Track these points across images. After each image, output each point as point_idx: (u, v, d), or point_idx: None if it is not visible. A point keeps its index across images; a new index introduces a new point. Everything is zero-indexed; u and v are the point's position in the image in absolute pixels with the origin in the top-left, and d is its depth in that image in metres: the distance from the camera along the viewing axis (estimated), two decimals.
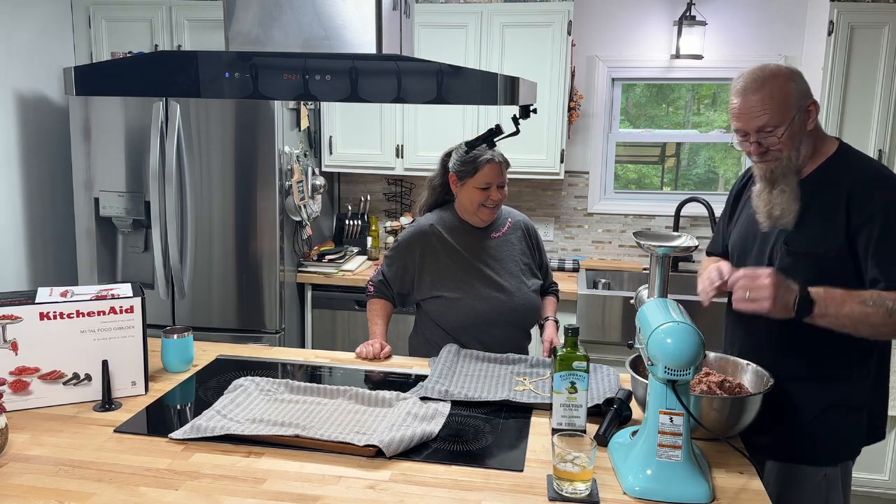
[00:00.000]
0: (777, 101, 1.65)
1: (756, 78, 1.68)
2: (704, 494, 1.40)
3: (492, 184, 2.22)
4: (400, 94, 1.42)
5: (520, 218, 2.43)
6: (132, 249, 3.41)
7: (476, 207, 2.25)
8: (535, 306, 2.34)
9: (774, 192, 1.72)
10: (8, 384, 1.74)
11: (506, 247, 2.33)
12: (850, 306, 1.57)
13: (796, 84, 1.68)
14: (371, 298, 2.40)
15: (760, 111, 1.66)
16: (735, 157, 3.92)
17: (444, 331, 2.27)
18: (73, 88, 1.52)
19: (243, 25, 1.56)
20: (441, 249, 2.28)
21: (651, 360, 1.43)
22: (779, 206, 1.72)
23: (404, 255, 2.32)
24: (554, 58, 3.43)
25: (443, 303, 2.25)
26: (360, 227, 3.91)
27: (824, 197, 1.68)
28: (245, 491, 1.41)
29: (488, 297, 2.24)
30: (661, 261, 1.60)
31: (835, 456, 1.74)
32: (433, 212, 2.38)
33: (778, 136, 1.67)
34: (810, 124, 1.70)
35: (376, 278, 2.39)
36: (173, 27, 3.63)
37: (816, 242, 1.67)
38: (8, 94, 3.37)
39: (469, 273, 2.26)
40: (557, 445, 1.41)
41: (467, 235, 2.30)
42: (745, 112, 1.68)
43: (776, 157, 1.69)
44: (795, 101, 1.67)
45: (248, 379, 1.90)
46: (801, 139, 1.69)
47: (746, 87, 1.68)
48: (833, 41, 3.20)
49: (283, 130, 3.26)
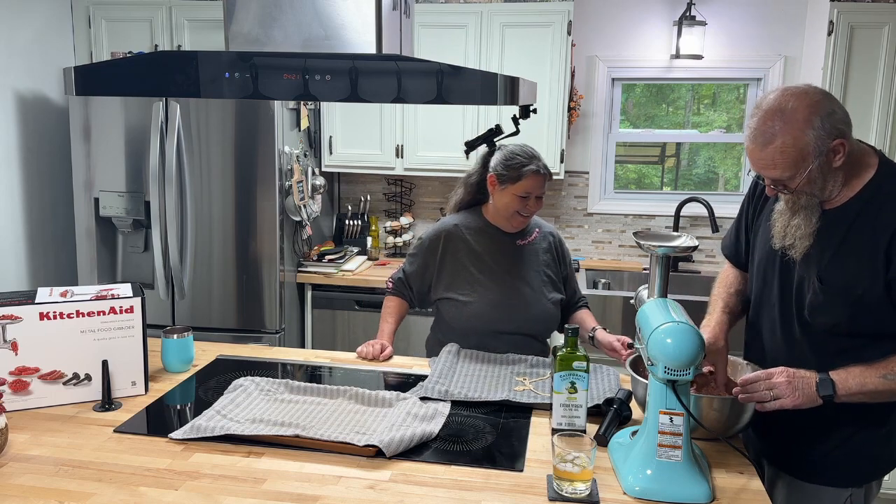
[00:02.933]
0: (790, 158, 1.47)
1: (767, 129, 1.48)
2: (704, 494, 1.40)
3: (531, 194, 2.16)
4: (400, 94, 1.42)
5: (549, 229, 2.36)
6: (132, 249, 3.41)
7: (510, 214, 2.19)
8: (551, 318, 2.27)
9: (793, 222, 1.59)
10: (8, 384, 1.74)
11: (529, 256, 2.27)
12: (873, 383, 1.49)
13: (816, 129, 1.46)
14: (387, 295, 2.36)
15: (771, 166, 1.50)
16: (735, 158, 3.92)
17: (456, 333, 2.23)
18: (73, 88, 1.52)
19: (243, 25, 1.56)
20: (462, 251, 2.24)
21: (651, 360, 1.43)
22: (791, 237, 1.59)
23: (426, 253, 2.28)
24: (554, 58, 3.43)
25: (455, 305, 2.22)
26: (360, 227, 3.91)
27: (862, 231, 1.53)
28: (245, 491, 1.41)
29: (500, 304, 2.19)
30: (661, 261, 1.60)
31: (862, 478, 1.66)
32: (458, 213, 2.33)
33: (794, 186, 1.52)
34: (837, 162, 1.50)
35: (396, 276, 2.36)
36: (173, 27, 3.63)
37: (853, 283, 1.53)
38: (8, 94, 3.37)
39: (486, 277, 2.21)
40: (557, 445, 1.41)
41: (491, 240, 2.25)
42: (754, 161, 1.54)
43: (796, 194, 1.55)
44: (814, 149, 1.47)
45: (248, 379, 1.90)
46: (825, 178, 1.51)
47: (756, 136, 1.50)
48: (833, 41, 3.20)
49: (283, 130, 3.26)
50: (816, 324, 1.59)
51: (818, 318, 1.59)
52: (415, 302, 2.37)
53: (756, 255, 1.78)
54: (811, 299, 1.59)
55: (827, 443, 1.65)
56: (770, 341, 1.72)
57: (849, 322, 1.55)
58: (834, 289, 1.55)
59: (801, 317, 1.63)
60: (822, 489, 1.66)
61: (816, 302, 1.58)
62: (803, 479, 1.68)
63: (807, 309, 1.60)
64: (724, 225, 3.67)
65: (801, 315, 1.63)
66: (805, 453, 1.67)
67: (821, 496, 1.67)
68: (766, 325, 1.74)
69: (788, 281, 1.66)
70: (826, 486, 1.66)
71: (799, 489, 1.69)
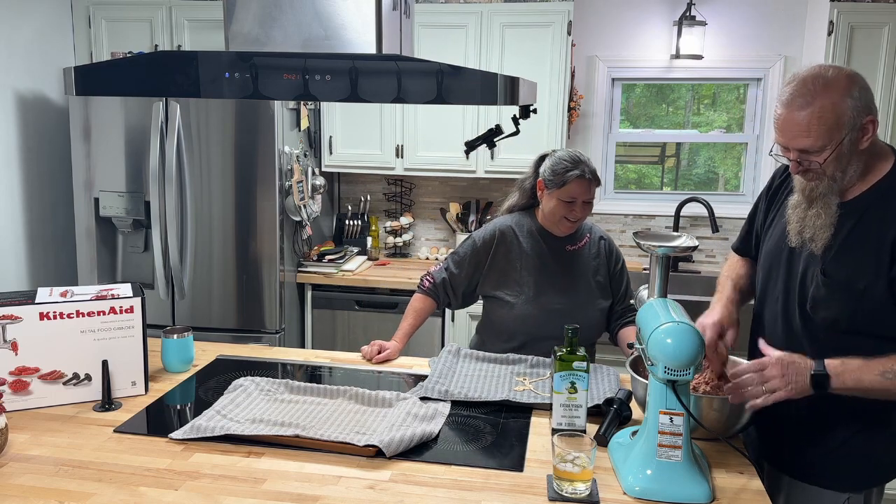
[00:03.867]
0: (827, 123, 1.45)
1: (807, 91, 1.45)
2: (704, 494, 1.40)
3: (577, 199, 2.15)
4: (400, 94, 1.42)
5: (601, 234, 2.35)
6: (132, 249, 3.41)
7: (558, 219, 2.19)
8: (595, 326, 2.26)
9: (810, 213, 1.56)
10: (8, 384, 1.74)
11: (578, 261, 2.26)
12: (870, 379, 1.46)
13: (854, 99, 1.45)
14: (418, 293, 2.35)
15: (805, 131, 1.46)
16: (735, 157, 3.92)
17: (500, 335, 2.24)
18: (73, 88, 1.52)
19: (243, 25, 1.56)
20: (514, 251, 2.25)
21: (651, 360, 1.43)
22: (810, 229, 1.56)
23: (479, 253, 2.28)
24: (554, 58, 3.43)
25: (501, 304, 2.23)
26: (360, 227, 3.91)
27: (871, 226, 1.51)
28: (245, 491, 1.41)
29: (545, 307, 2.19)
30: (661, 261, 1.60)
31: (861, 482, 1.64)
32: (513, 214, 2.34)
33: (821, 160, 1.48)
34: (864, 143, 1.48)
35: (438, 275, 2.33)
36: (173, 27, 3.63)
37: (856, 277, 1.51)
38: (8, 94, 3.37)
39: (533, 279, 2.22)
40: (557, 445, 1.41)
41: (541, 243, 2.26)
42: (787, 128, 1.49)
43: (817, 176, 1.52)
44: (850, 120, 1.45)
45: (248, 379, 1.90)
46: (849, 159, 1.49)
47: (794, 99, 1.47)
48: (833, 41, 3.20)
49: (283, 130, 3.26)
50: (817, 319, 1.58)
51: (820, 312, 1.58)
52: (453, 304, 2.36)
53: (764, 249, 1.77)
54: (814, 293, 1.58)
55: (826, 444, 1.64)
56: (771, 336, 1.70)
57: (849, 319, 1.54)
58: (836, 283, 1.53)
59: (802, 311, 1.62)
60: (821, 492, 1.65)
61: (819, 296, 1.56)
62: (802, 480, 1.67)
63: (809, 302, 1.59)
64: (724, 225, 3.67)
65: (802, 309, 1.61)
66: (804, 454, 1.66)
67: (820, 499, 1.65)
68: (768, 319, 1.73)
69: (793, 274, 1.65)
70: (825, 489, 1.64)
71: (798, 490, 1.68)
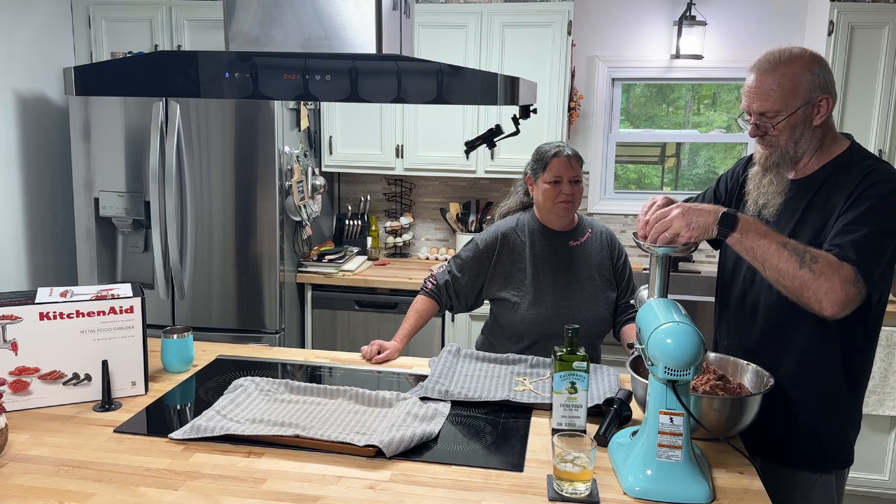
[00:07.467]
0: (785, 89, 1.60)
1: (773, 59, 1.63)
2: (704, 494, 1.40)
3: (562, 177, 2.18)
4: (400, 94, 1.42)
5: (603, 229, 2.36)
6: (132, 249, 3.41)
7: (551, 205, 2.22)
8: (602, 322, 2.27)
9: (764, 181, 1.70)
10: (8, 384, 1.74)
11: (582, 256, 2.27)
12: (770, 241, 1.53)
13: (813, 74, 1.61)
14: (421, 294, 2.35)
15: (765, 95, 1.62)
16: (735, 157, 3.92)
17: (508, 336, 2.25)
18: (73, 88, 1.52)
19: (243, 25, 1.56)
20: (517, 250, 2.27)
21: (651, 360, 1.43)
22: (764, 196, 1.70)
23: (482, 257, 2.29)
24: (554, 58, 3.43)
25: (507, 305, 2.24)
26: (360, 227, 3.91)
27: (826, 198, 1.63)
28: (245, 491, 1.41)
29: (551, 305, 2.21)
30: (661, 261, 1.60)
31: (827, 463, 1.70)
32: (514, 215, 2.36)
33: (774, 123, 1.63)
34: (818, 119, 1.63)
35: (442, 277, 2.33)
36: (173, 27, 3.63)
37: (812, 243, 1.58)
38: (8, 94, 3.37)
39: (537, 278, 2.23)
40: (557, 445, 1.41)
41: (544, 240, 2.27)
42: (749, 91, 1.65)
43: (773, 143, 1.66)
44: (806, 91, 1.61)
45: (248, 379, 1.90)
46: (802, 132, 1.63)
47: (760, 64, 1.64)
48: (833, 41, 3.20)
49: (283, 130, 3.26)
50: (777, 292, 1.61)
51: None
52: (455, 307, 2.36)
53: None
54: None
55: (791, 426, 1.70)
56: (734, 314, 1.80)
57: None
58: None
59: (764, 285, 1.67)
60: (794, 473, 1.71)
61: None
62: (774, 462, 1.72)
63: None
64: None
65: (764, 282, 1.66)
66: (773, 435, 1.71)
67: (794, 479, 1.71)
68: (734, 297, 1.81)
69: None
70: (799, 470, 1.71)
71: (774, 472, 1.72)
